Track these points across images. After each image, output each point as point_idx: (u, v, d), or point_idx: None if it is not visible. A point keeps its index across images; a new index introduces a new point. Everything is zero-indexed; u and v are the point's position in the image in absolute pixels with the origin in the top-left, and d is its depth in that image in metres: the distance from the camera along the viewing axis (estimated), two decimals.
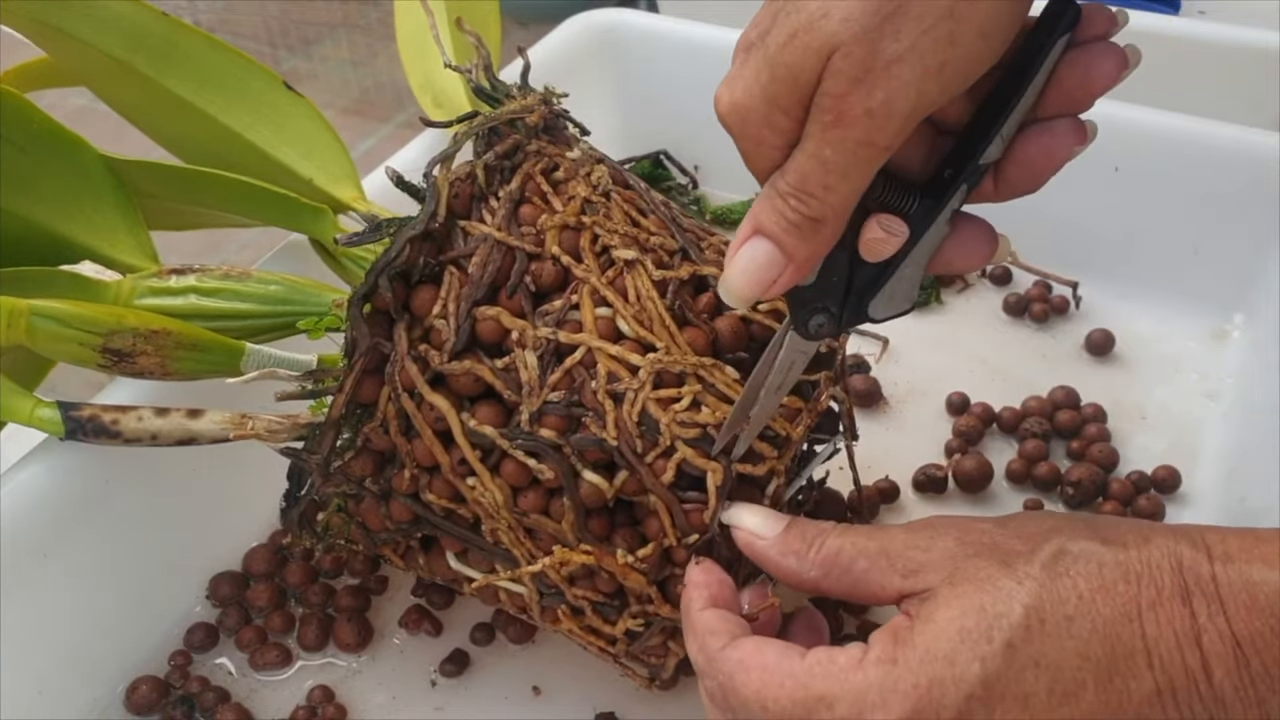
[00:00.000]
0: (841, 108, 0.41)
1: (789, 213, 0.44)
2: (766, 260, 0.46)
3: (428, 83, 0.74)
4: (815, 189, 0.44)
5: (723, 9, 1.08)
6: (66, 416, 0.56)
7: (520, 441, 0.52)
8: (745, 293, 0.46)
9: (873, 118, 0.41)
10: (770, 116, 0.43)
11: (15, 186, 0.60)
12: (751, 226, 0.46)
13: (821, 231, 0.45)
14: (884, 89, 0.41)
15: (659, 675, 0.58)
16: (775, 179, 0.44)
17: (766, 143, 0.44)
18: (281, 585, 0.68)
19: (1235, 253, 0.84)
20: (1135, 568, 0.43)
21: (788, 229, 0.45)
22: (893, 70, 0.41)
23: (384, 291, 0.53)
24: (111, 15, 0.63)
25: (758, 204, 0.45)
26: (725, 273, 0.47)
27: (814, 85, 0.42)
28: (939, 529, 0.47)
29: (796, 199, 0.44)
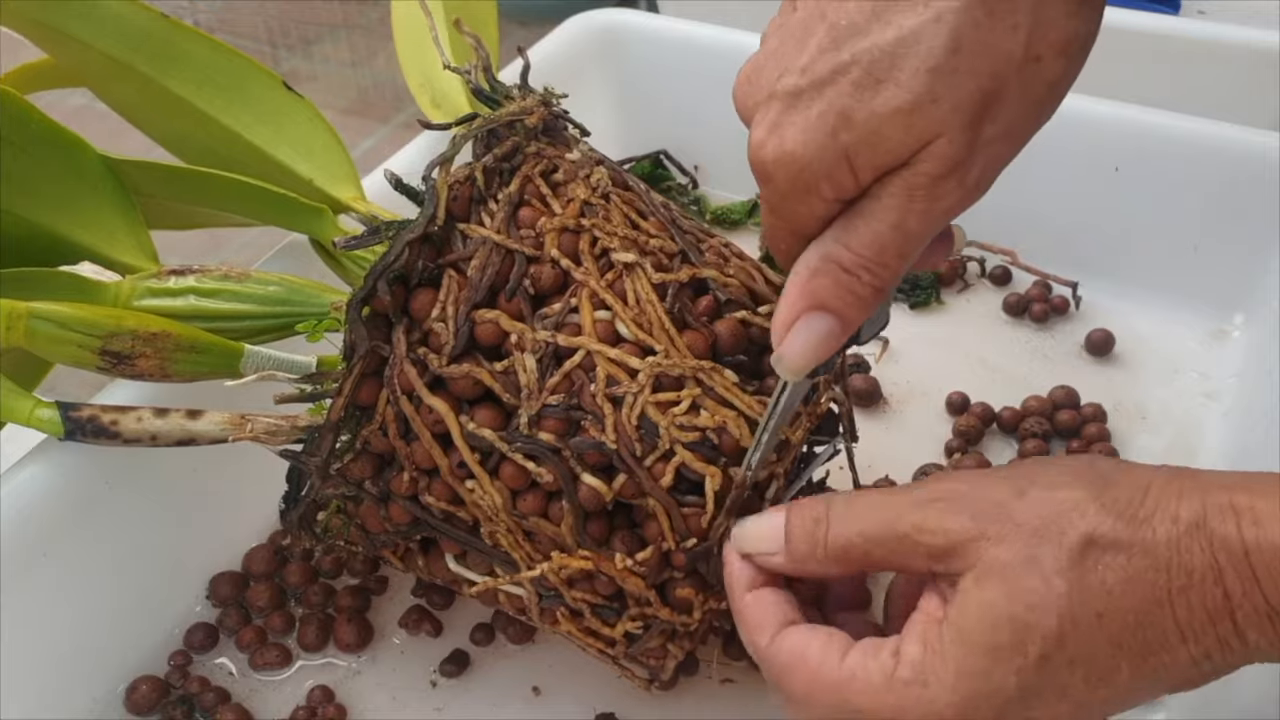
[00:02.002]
0: (937, 186, 0.42)
1: (859, 287, 0.44)
2: (828, 333, 0.45)
3: (426, 83, 0.74)
4: (891, 259, 0.44)
5: (723, 9, 1.09)
6: (66, 417, 0.56)
7: (519, 444, 0.52)
8: (806, 368, 0.46)
9: (965, 191, 0.42)
10: (835, 174, 0.43)
11: (15, 187, 0.60)
12: (809, 302, 0.45)
13: (881, 298, 0.45)
14: (979, 168, 0.42)
15: (658, 677, 0.58)
16: (836, 251, 0.44)
17: (819, 197, 0.43)
18: (281, 585, 0.68)
19: (1235, 253, 0.84)
20: (1164, 554, 0.41)
21: (854, 302, 0.45)
22: (990, 149, 0.42)
23: (383, 295, 0.53)
24: (111, 16, 0.63)
25: (813, 279, 0.45)
26: (782, 350, 0.46)
27: (902, 160, 0.42)
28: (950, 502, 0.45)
29: (870, 272, 0.44)
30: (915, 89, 0.40)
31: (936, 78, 0.40)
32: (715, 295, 0.55)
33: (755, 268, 0.57)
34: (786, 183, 0.44)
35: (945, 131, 0.41)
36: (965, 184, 0.42)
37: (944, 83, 0.40)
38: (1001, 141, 0.42)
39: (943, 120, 0.41)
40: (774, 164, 0.44)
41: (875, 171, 0.42)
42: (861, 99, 0.41)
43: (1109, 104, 0.83)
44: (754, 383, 0.54)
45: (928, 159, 0.41)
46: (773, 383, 0.55)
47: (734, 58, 0.94)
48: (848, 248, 0.44)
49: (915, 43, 0.40)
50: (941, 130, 0.41)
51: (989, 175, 0.43)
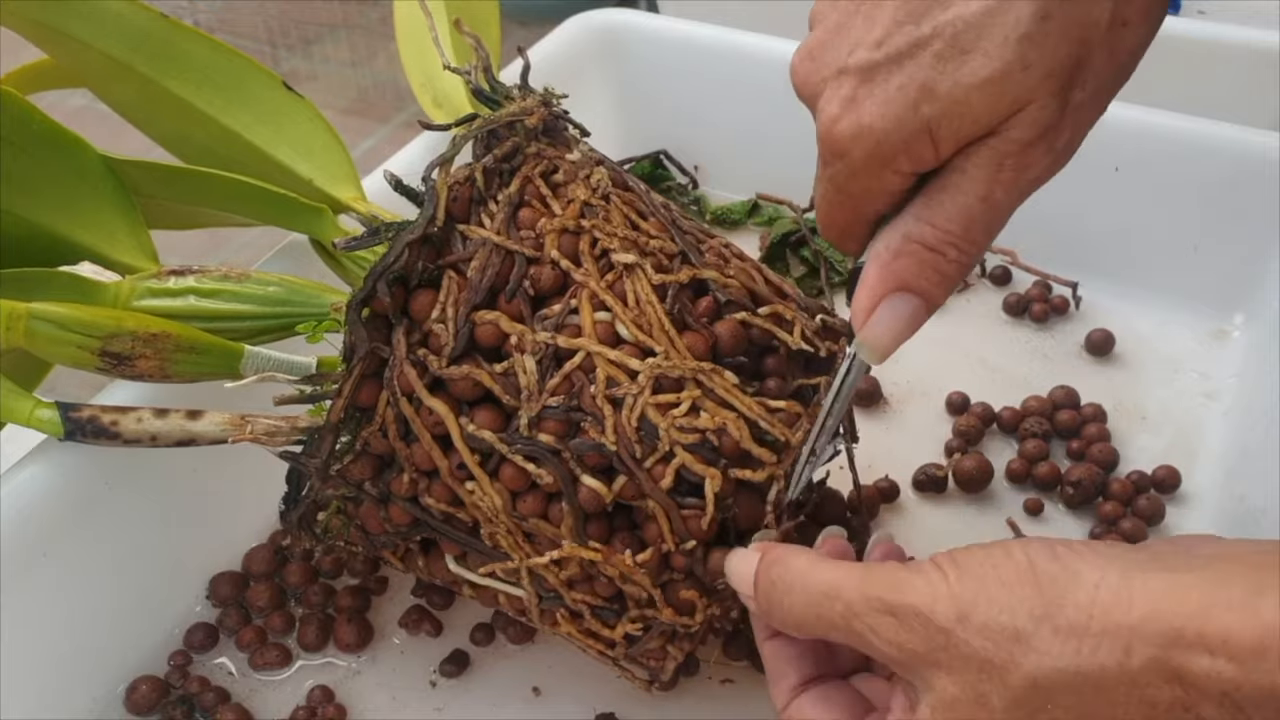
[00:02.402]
0: (1026, 154, 0.42)
1: (944, 265, 0.44)
2: (914, 314, 0.46)
3: (428, 83, 0.74)
4: (979, 234, 0.43)
5: (723, 9, 1.09)
6: (66, 417, 0.56)
7: (519, 446, 0.52)
8: (892, 349, 0.46)
9: (1054, 158, 0.42)
10: (915, 147, 0.42)
11: (15, 186, 0.60)
12: (892, 284, 0.45)
13: (965, 274, 0.45)
14: (1068, 132, 0.42)
15: (658, 678, 0.58)
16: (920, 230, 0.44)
17: (894, 171, 0.43)
18: (281, 585, 0.68)
19: (1235, 253, 0.84)
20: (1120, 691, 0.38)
21: (940, 281, 0.45)
22: (1078, 114, 0.42)
23: (382, 296, 0.53)
24: (111, 16, 0.63)
25: (896, 260, 0.44)
26: (865, 334, 0.46)
27: (990, 129, 0.42)
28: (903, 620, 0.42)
29: (957, 249, 0.44)
30: (1005, 57, 0.40)
31: (1028, 45, 0.40)
32: (715, 296, 0.55)
33: (756, 269, 0.57)
34: (863, 157, 0.43)
35: (1037, 98, 0.41)
36: (1054, 150, 0.42)
37: (1035, 50, 0.40)
38: (1089, 106, 0.42)
39: (1034, 87, 0.40)
40: (851, 139, 0.43)
41: (958, 143, 0.42)
42: (945, 70, 0.41)
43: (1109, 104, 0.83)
44: (754, 384, 0.54)
45: (1018, 126, 0.41)
46: (773, 384, 0.55)
47: (734, 58, 0.96)
48: (932, 225, 0.44)
49: (1003, 13, 0.40)
50: (1033, 97, 0.41)
51: (1075, 140, 0.43)
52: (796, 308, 0.56)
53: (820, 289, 0.89)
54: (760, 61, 0.94)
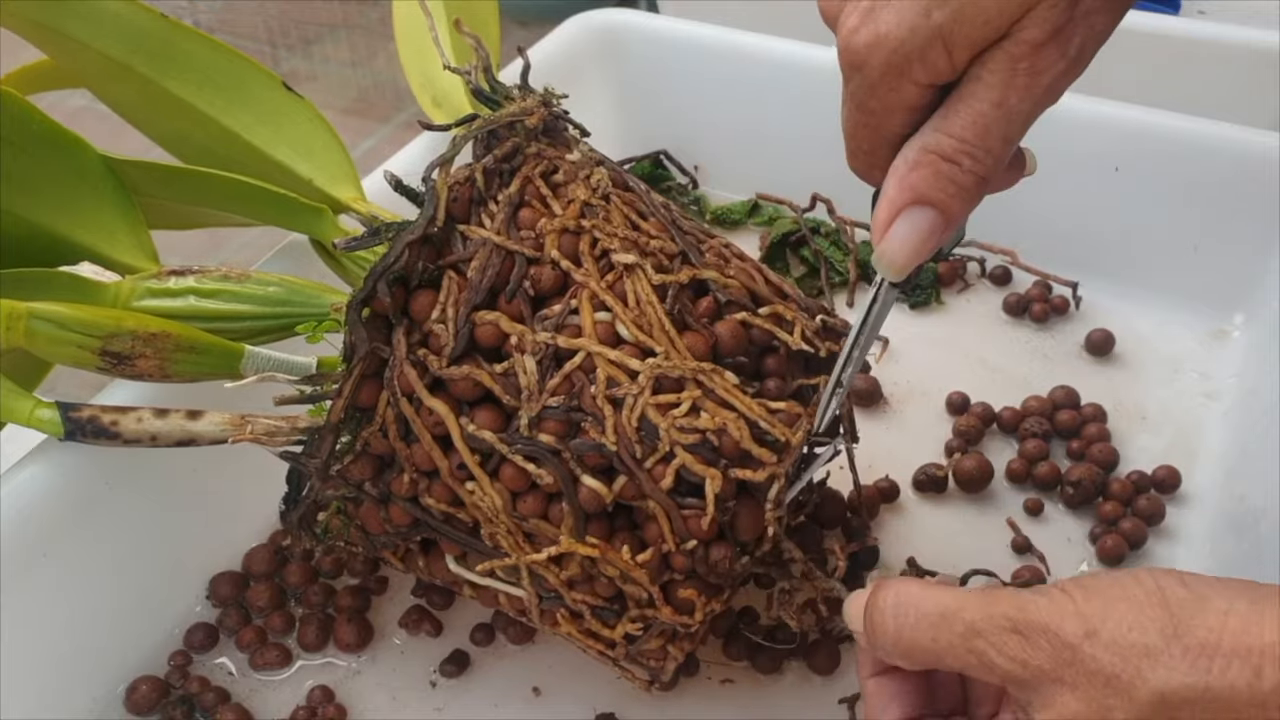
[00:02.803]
0: (1039, 55, 0.41)
1: (960, 175, 0.44)
2: (930, 228, 0.45)
3: (427, 83, 0.74)
4: (995, 143, 0.43)
5: (723, 9, 1.09)
6: (66, 417, 0.56)
7: (519, 446, 0.52)
8: (909, 265, 0.46)
9: (1068, 63, 0.42)
10: (929, 54, 0.42)
11: (15, 186, 0.60)
12: (909, 197, 0.45)
13: (984, 188, 0.45)
14: (1080, 36, 0.42)
15: (659, 678, 0.58)
16: (935, 140, 0.44)
17: (911, 80, 0.43)
18: (281, 585, 0.68)
19: (1235, 253, 0.84)
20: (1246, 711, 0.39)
21: (957, 193, 0.44)
22: (1090, 19, 0.42)
23: (383, 296, 0.53)
24: (110, 16, 0.63)
25: (912, 171, 0.44)
26: (883, 247, 0.46)
27: (1001, 32, 0.41)
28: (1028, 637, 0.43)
29: (972, 158, 0.43)
30: None
31: None
32: (716, 296, 0.55)
33: (756, 269, 0.57)
34: (879, 67, 0.43)
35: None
36: (1067, 54, 0.42)
37: None
38: (1100, 13, 0.42)
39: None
40: (867, 49, 0.43)
41: (971, 49, 0.42)
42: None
43: (1109, 104, 0.83)
44: (754, 384, 0.54)
45: (1029, 26, 0.41)
46: (773, 384, 0.55)
47: (734, 58, 0.96)
48: (948, 134, 0.44)
49: None
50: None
51: (1089, 48, 0.43)
52: (797, 308, 0.57)
53: (820, 289, 0.89)
54: (760, 61, 0.94)
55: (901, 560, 0.68)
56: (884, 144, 0.46)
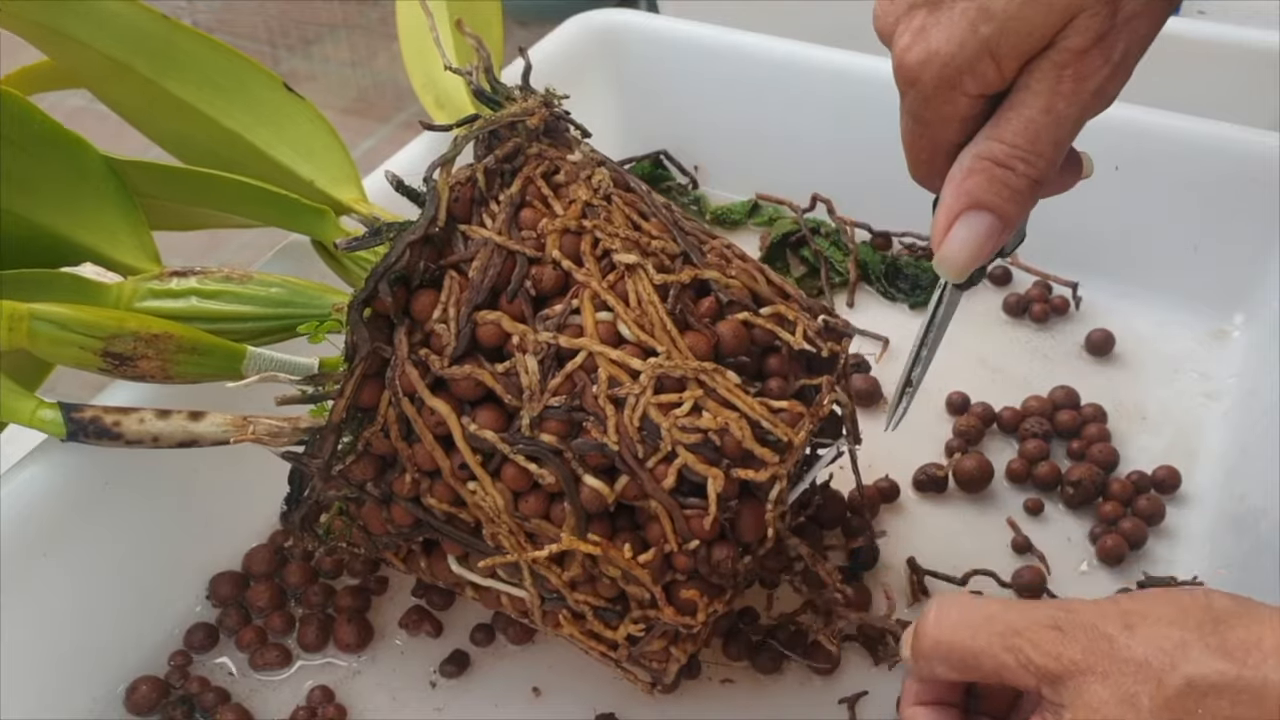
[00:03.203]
0: (1083, 62, 0.44)
1: (1014, 179, 0.46)
2: (988, 232, 0.47)
3: (430, 83, 0.74)
4: (1046, 147, 0.45)
5: (723, 9, 1.08)
6: (68, 418, 0.56)
7: (521, 446, 0.52)
8: (969, 267, 0.48)
9: (1112, 69, 0.44)
10: (978, 66, 0.45)
11: (17, 187, 0.60)
12: (965, 201, 0.47)
13: (1037, 192, 0.47)
14: (1124, 42, 0.44)
15: (661, 680, 0.58)
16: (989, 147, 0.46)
17: (962, 93, 0.46)
18: (281, 585, 0.68)
19: (1235, 253, 0.84)
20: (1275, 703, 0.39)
21: (1011, 197, 0.46)
22: (1131, 25, 0.44)
23: (384, 296, 0.53)
24: (110, 16, 0.63)
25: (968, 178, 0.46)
26: (943, 251, 0.48)
27: (1046, 41, 0.44)
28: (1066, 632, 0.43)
29: (1025, 162, 0.45)
30: None
31: None
32: (717, 296, 0.55)
33: (757, 269, 0.57)
34: (932, 81, 0.46)
35: (1087, 6, 0.43)
36: (1111, 59, 0.44)
37: None
38: (1142, 17, 0.44)
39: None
40: (920, 64, 0.46)
41: (1019, 59, 0.44)
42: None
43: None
44: (756, 384, 0.54)
45: (1072, 34, 0.43)
46: (775, 384, 0.55)
47: (734, 58, 0.96)
48: (1000, 140, 0.46)
49: None
50: (1083, 5, 0.43)
51: (1133, 53, 0.44)
52: (799, 308, 0.57)
53: (820, 289, 0.89)
54: (760, 61, 0.94)
55: (901, 560, 0.68)
56: (941, 154, 0.48)
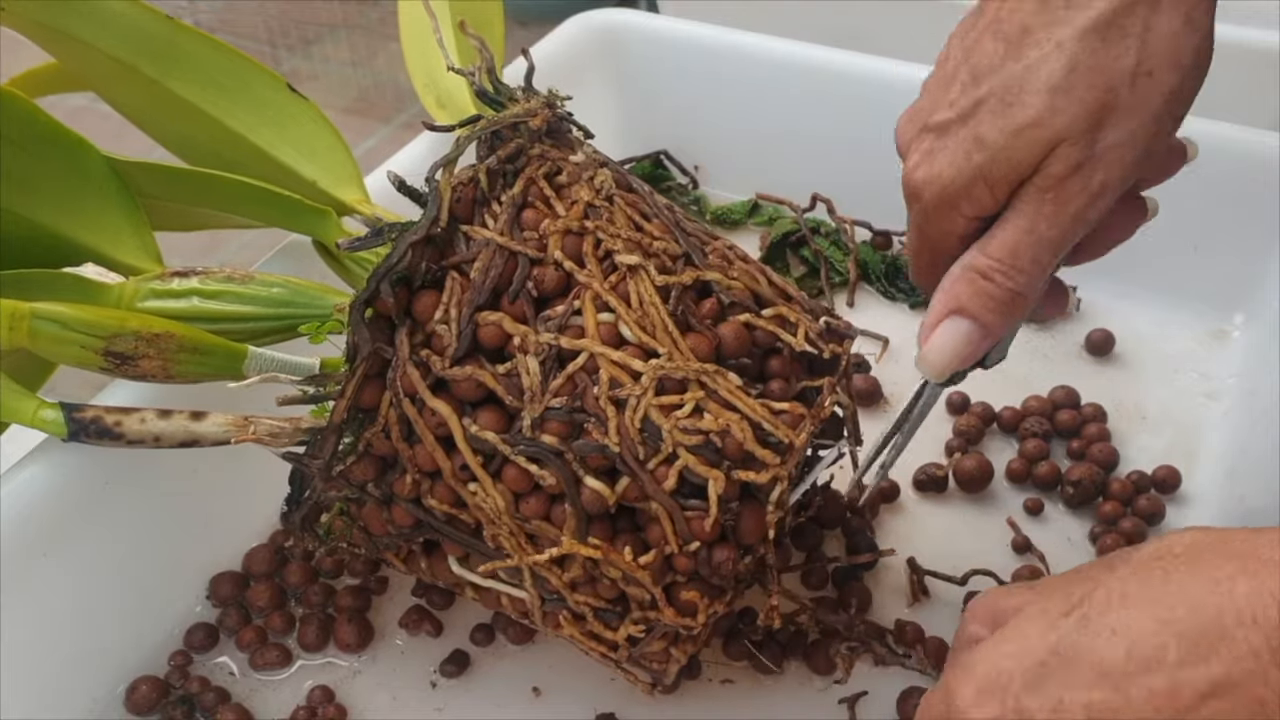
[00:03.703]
0: (1063, 188, 0.48)
1: (995, 290, 0.50)
2: (967, 338, 0.51)
3: (431, 83, 0.74)
4: (1026, 263, 0.49)
5: (723, 9, 1.08)
6: (69, 418, 0.56)
7: (522, 447, 0.52)
8: (947, 369, 0.52)
9: (1090, 196, 0.48)
10: (974, 190, 0.49)
11: (18, 187, 0.60)
12: (949, 306, 0.51)
13: (1021, 305, 0.50)
14: (1103, 172, 0.48)
15: (661, 681, 0.58)
16: (974, 259, 0.50)
17: (960, 214, 0.50)
18: (281, 585, 0.68)
19: (1235, 253, 0.84)
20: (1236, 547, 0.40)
21: (993, 307, 0.50)
22: (1109, 156, 0.48)
23: (386, 296, 0.53)
24: (114, 17, 0.63)
25: (954, 285, 0.51)
26: (925, 351, 0.52)
27: (1032, 169, 0.48)
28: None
29: (1004, 274, 0.50)
30: (1038, 106, 0.47)
31: (1055, 94, 0.47)
32: (719, 298, 0.55)
33: (759, 270, 0.57)
34: (932, 200, 0.50)
35: (1067, 137, 0.47)
36: (1090, 187, 0.48)
37: (1063, 98, 0.47)
38: (1124, 148, 0.48)
39: (1064, 129, 0.47)
40: (923, 184, 0.50)
41: (1009, 185, 0.49)
42: (993, 123, 0.48)
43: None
44: (758, 386, 0.54)
45: (1053, 162, 0.47)
46: (776, 386, 0.55)
47: (734, 58, 0.96)
48: (985, 254, 0.50)
49: (1039, 68, 0.47)
50: (1063, 136, 0.47)
51: (1113, 180, 0.48)
52: (800, 310, 0.57)
53: (820, 289, 0.89)
54: (760, 61, 0.94)
55: (901, 560, 0.68)
56: (940, 263, 0.52)
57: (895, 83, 0.90)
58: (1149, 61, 0.47)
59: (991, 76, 0.49)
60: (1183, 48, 0.48)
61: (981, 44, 0.50)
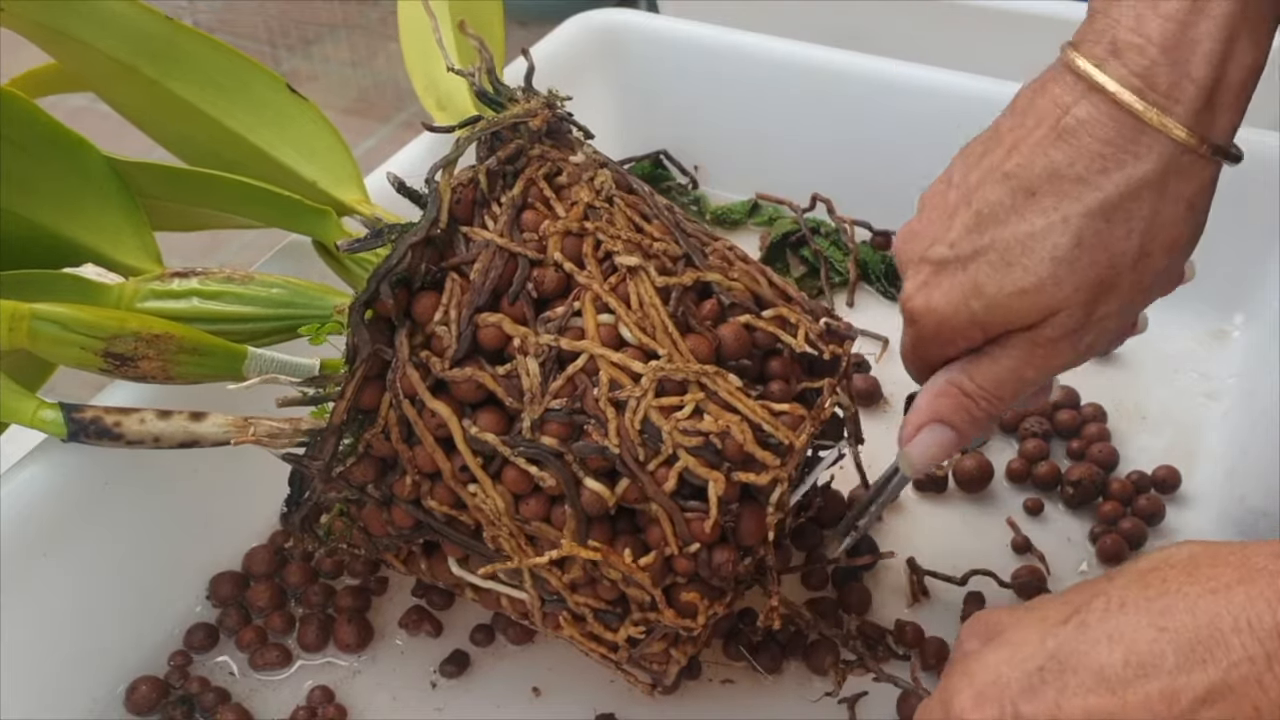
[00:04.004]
0: (1054, 347, 0.52)
1: (976, 410, 0.54)
2: (946, 443, 0.55)
3: (431, 84, 0.74)
4: (1006, 394, 0.54)
5: (723, 9, 1.08)
6: (69, 419, 0.56)
7: (522, 449, 0.51)
8: (924, 468, 0.56)
9: (1077, 354, 0.53)
10: (968, 331, 0.53)
11: (18, 188, 0.60)
12: (933, 416, 0.55)
13: (994, 421, 0.56)
14: (1092, 335, 0.52)
15: (661, 682, 0.58)
16: (961, 380, 0.54)
17: (952, 346, 0.54)
18: (281, 585, 0.68)
19: (1235, 253, 0.84)
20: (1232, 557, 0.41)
21: (971, 422, 0.55)
22: (1102, 324, 0.52)
23: (385, 298, 0.52)
24: (114, 17, 0.63)
25: (939, 399, 0.55)
26: (907, 450, 0.56)
27: (1027, 326, 0.52)
28: None
29: (988, 401, 0.54)
30: (1042, 274, 0.50)
31: (1062, 266, 0.50)
32: (719, 299, 0.55)
33: (760, 271, 0.57)
34: (928, 330, 0.54)
35: (1066, 308, 0.50)
36: (1079, 348, 0.52)
37: (1067, 270, 0.50)
38: (1115, 317, 0.52)
39: (1064, 299, 0.50)
40: (920, 314, 0.54)
41: (1001, 330, 0.52)
42: (994, 276, 0.51)
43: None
44: (758, 387, 0.54)
45: (1049, 327, 0.51)
46: (777, 387, 0.55)
47: (734, 58, 0.95)
48: (971, 378, 0.54)
49: (1044, 238, 0.50)
50: (1063, 306, 0.50)
51: (1100, 342, 0.53)
52: (801, 311, 0.57)
53: (820, 289, 0.89)
54: (760, 61, 0.94)
55: (901, 560, 0.68)
56: (930, 369, 0.56)
57: (895, 83, 0.90)
58: (1150, 245, 0.50)
59: (995, 228, 0.51)
60: (1182, 234, 0.50)
61: (987, 187, 0.52)
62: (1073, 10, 1.02)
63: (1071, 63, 0.50)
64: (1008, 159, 0.51)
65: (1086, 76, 0.49)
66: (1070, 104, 0.49)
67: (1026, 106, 0.52)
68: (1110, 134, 0.48)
